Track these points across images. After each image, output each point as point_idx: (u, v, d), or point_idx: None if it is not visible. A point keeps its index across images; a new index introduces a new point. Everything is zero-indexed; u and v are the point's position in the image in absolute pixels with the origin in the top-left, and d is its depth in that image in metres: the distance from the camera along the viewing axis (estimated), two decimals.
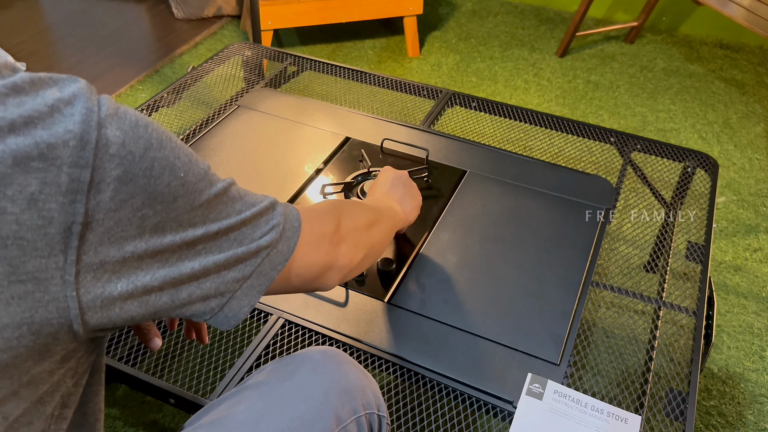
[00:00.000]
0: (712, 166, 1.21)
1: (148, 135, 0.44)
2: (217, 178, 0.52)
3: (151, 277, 0.46)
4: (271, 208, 0.56)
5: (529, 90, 2.25)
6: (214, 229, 0.50)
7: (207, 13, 2.61)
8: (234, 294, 0.53)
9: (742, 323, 1.43)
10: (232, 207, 0.52)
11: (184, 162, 0.47)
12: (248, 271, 0.54)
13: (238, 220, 0.52)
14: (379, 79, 1.44)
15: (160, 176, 0.45)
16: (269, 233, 0.55)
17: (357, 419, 0.63)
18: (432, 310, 0.90)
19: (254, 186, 1.11)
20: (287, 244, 0.57)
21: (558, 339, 0.87)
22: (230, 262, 0.52)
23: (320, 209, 0.66)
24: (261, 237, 0.54)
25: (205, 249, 0.50)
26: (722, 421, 1.23)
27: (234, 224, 0.52)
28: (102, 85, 2.19)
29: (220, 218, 0.51)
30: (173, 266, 0.47)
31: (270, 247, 0.55)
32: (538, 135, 1.33)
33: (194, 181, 0.48)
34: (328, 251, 0.64)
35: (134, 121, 0.44)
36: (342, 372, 0.64)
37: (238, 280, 0.53)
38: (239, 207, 0.53)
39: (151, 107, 1.32)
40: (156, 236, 0.45)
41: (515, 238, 1.02)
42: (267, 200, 0.57)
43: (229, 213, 0.52)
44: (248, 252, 0.53)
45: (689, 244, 1.05)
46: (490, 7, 2.80)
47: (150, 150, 0.44)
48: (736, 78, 2.33)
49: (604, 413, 0.77)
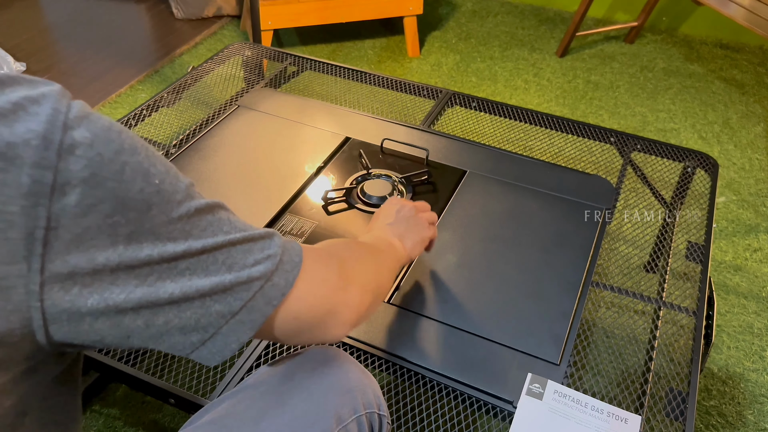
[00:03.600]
0: (712, 166, 1.21)
1: (121, 140, 0.42)
2: (201, 196, 0.48)
3: (126, 295, 0.42)
4: (267, 236, 0.51)
5: (529, 90, 2.25)
6: (197, 247, 0.45)
7: (207, 13, 2.61)
8: (219, 330, 0.48)
9: (742, 323, 1.43)
10: (219, 227, 0.47)
11: (160, 170, 0.44)
12: (237, 306, 0.48)
13: (226, 240, 0.47)
14: (379, 79, 1.44)
15: (132, 181, 0.41)
16: (264, 262, 0.49)
17: (357, 418, 0.63)
18: (432, 310, 0.90)
19: (254, 186, 1.11)
20: (285, 277, 0.51)
21: (558, 339, 0.87)
22: (216, 291, 0.46)
23: (325, 247, 0.62)
24: (254, 265, 0.49)
25: (188, 269, 0.45)
26: (722, 421, 1.23)
27: (221, 244, 0.47)
28: (102, 85, 2.19)
29: (204, 236, 0.46)
30: (152, 286, 0.43)
31: (263, 278, 0.49)
32: (538, 135, 1.33)
33: (171, 191, 0.44)
34: (334, 293, 0.57)
35: (106, 125, 0.41)
36: (342, 371, 0.64)
37: (224, 315, 0.48)
38: (227, 228, 0.48)
39: (151, 107, 1.32)
40: (131, 248, 0.41)
41: (515, 238, 1.02)
42: (264, 230, 0.52)
43: (215, 232, 0.47)
44: (237, 281, 0.47)
45: (689, 244, 1.05)
46: (490, 7, 2.80)
47: (121, 153, 0.41)
48: (736, 78, 2.33)
49: (604, 413, 0.77)
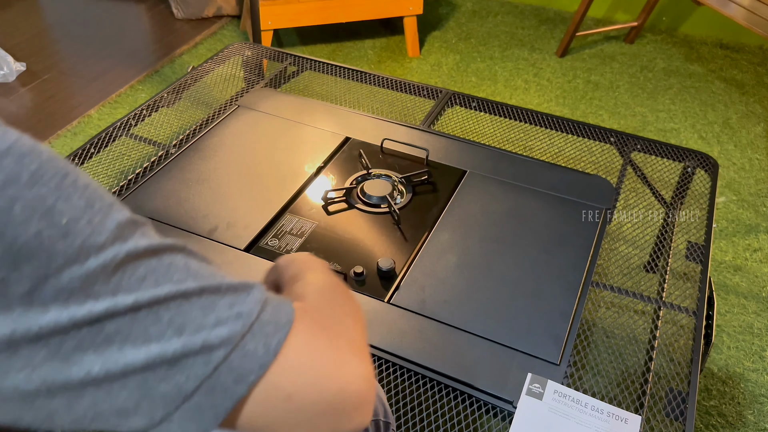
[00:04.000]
0: (712, 166, 1.21)
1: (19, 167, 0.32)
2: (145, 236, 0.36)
3: (29, 372, 0.32)
4: (241, 288, 0.38)
5: (529, 90, 2.25)
6: (127, 303, 0.33)
7: (207, 13, 2.61)
8: (169, 417, 0.35)
9: (742, 323, 1.43)
10: (166, 275, 0.35)
11: (74, 206, 0.33)
12: (190, 386, 0.35)
13: (175, 291, 0.35)
14: (379, 79, 1.44)
15: (26, 222, 0.31)
16: (229, 322, 0.36)
17: None
18: (432, 310, 0.90)
19: (254, 186, 1.11)
20: (264, 342, 0.37)
21: (558, 339, 0.87)
22: (156, 365, 0.34)
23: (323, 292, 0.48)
24: (215, 326, 0.35)
25: (118, 334, 0.33)
26: (722, 421, 1.23)
27: (167, 297, 0.35)
28: (102, 85, 2.20)
29: (141, 288, 0.34)
30: (65, 360, 0.32)
31: (229, 344, 0.36)
32: (538, 135, 1.33)
33: (89, 233, 0.33)
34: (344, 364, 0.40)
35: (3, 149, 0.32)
36: None
37: (173, 399, 0.35)
38: (180, 276, 0.36)
39: (151, 107, 1.32)
40: (32, 312, 0.31)
41: (515, 238, 1.02)
42: (240, 281, 0.38)
43: (159, 281, 0.35)
44: (188, 350, 0.34)
45: (689, 244, 1.05)
46: (490, 7, 2.80)
47: (11, 185, 0.31)
48: (736, 78, 2.33)
49: (604, 413, 0.77)
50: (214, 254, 0.98)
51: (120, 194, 1.10)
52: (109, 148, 1.22)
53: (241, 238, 1.01)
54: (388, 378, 0.84)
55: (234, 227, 1.03)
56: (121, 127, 1.26)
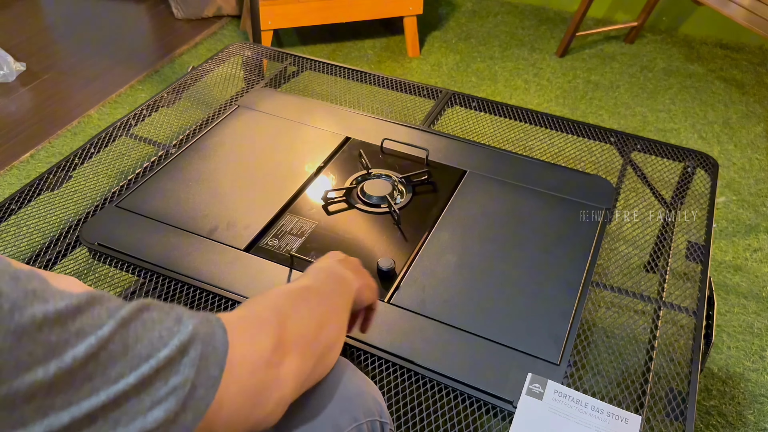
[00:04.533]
0: (712, 166, 1.21)
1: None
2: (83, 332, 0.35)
3: None
4: (179, 354, 0.39)
5: (529, 90, 2.25)
6: (63, 421, 0.33)
7: (207, 13, 2.61)
8: None
9: (742, 323, 1.43)
10: (103, 375, 0.35)
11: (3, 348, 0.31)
12: None
13: (113, 393, 0.35)
14: (379, 79, 1.44)
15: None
16: (164, 402, 0.37)
17: (357, 427, 0.61)
18: (432, 310, 0.90)
19: (254, 186, 1.11)
20: (194, 409, 0.40)
21: (558, 339, 0.87)
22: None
23: (256, 320, 0.51)
24: (150, 409, 0.37)
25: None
26: (722, 421, 1.23)
27: (105, 403, 0.35)
28: (102, 85, 2.20)
29: (75, 400, 0.34)
30: None
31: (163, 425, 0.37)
32: (538, 135, 1.33)
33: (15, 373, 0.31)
34: (266, 382, 0.47)
35: None
36: (339, 378, 0.63)
37: None
38: (117, 372, 0.35)
39: (151, 107, 1.32)
40: None
41: (515, 238, 1.02)
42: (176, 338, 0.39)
43: (96, 387, 0.34)
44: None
45: (689, 244, 1.05)
46: (490, 7, 2.80)
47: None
48: (736, 78, 2.33)
49: (604, 413, 0.77)
50: (214, 254, 0.98)
51: (120, 194, 1.10)
52: (109, 148, 1.22)
53: (241, 238, 1.01)
54: (388, 378, 0.84)
55: (234, 227, 1.03)
56: (121, 127, 1.26)
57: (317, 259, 0.73)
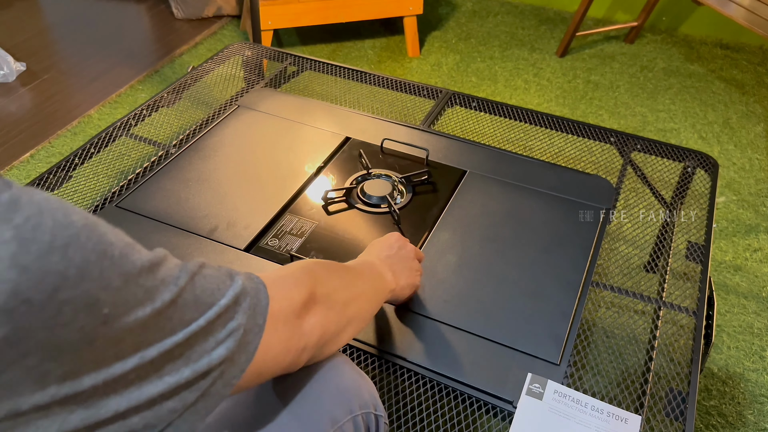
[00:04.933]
0: (712, 166, 1.21)
1: (66, 263, 0.33)
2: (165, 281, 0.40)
3: (59, 426, 0.35)
4: (233, 304, 0.45)
5: (529, 90, 2.25)
6: (152, 355, 0.39)
7: (207, 13, 2.61)
8: (171, 423, 0.42)
9: (742, 323, 1.43)
10: (180, 319, 0.41)
11: (116, 288, 0.36)
12: (192, 398, 0.42)
13: (188, 333, 0.41)
14: (379, 79, 1.44)
15: (71, 322, 0.33)
16: (225, 342, 0.44)
17: (353, 419, 0.62)
18: (432, 310, 0.90)
19: (254, 186, 1.11)
20: (246, 351, 0.46)
21: (558, 339, 0.87)
22: (170, 392, 0.40)
23: (291, 277, 0.57)
24: (214, 348, 0.43)
25: (139, 378, 0.38)
26: (722, 421, 1.23)
27: (181, 341, 0.40)
28: (102, 85, 2.20)
29: (160, 338, 0.39)
30: (91, 407, 0.36)
31: (224, 362, 0.44)
32: (538, 135, 1.33)
33: (124, 311, 0.36)
34: (294, 331, 0.53)
35: (47, 244, 0.32)
36: (335, 371, 0.64)
37: (178, 410, 0.41)
38: (190, 316, 0.41)
39: (151, 107, 1.32)
40: (66, 384, 0.34)
41: (515, 238, 1.02)
42: (230, 291, 0.46)
43: (175, 328, 0.40)
44: (195, 375, 0.42)
45: (689, 244, 1.05)
46: (490, 7, 2.80)
47: (62, 290, 0.32)
48: (736, 78, 2.33)
49: (604, 413, 0.77)
50: (214, 254, 0.98)
51: (120, 194, 1.10)
52: (109, 148, 1.22)
53: (242, 238, 1.01)
54: (389, 378, 0.84)
55: (234, 227, 1.03)
56: (121, 127, 1.26)
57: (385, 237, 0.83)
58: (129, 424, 0.39)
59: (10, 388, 0.32)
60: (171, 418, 0.41)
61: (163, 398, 0.40)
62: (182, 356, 0.41)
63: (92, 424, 0.36)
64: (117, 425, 0.38)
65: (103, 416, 0.37)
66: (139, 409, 0.39)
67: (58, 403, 0.34)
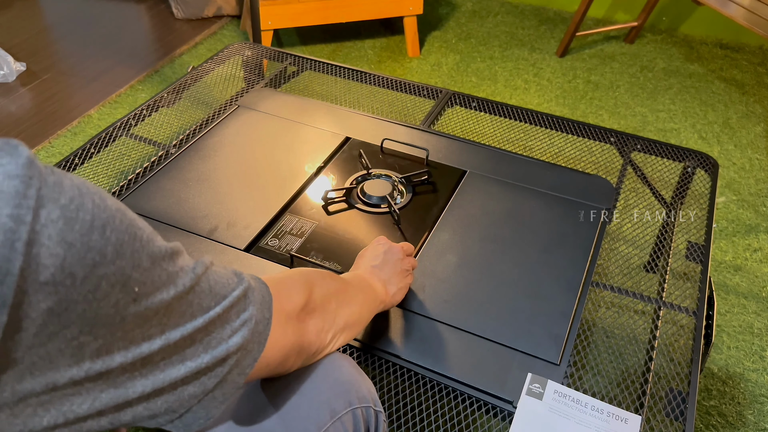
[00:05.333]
0: (712, 166, 1.21)
1: (104, 241, 0.35)
2: (184, 269, 0.43)
3: (90, 404, 0.38)
4: (243, 296, 0.48)
5: (529, 90, 2.25)
6: (175, 337, 0.41)
7: (207, 13, 2.61)
8: (190, 409, 0.45)
9: (742, 323, 1.43)
10: (199, 305, 0.44)
11: (145, 268, 0.38)
12: (211, 384, 0.45)
13: (206, 320, 0.44)
14: (379, 79, 1.44)
15: (107, 297, 0.36)
16: (240, 330, 0.47)
17: (352, 411, 0.63)
18: (432, 310, 0.90)
19: (254, 186, 1.11)
20: (258, 340, 0.49)
21: (558, 339, 0.87)
22: (191, 376, 0.43)
23: (290, 281, 0.59)
24: (230, 336, 0.46)
25: (163, 361, 0.41)
26: (722, 421, 1.23)
27: (201, 326, 0.43)
28: (102, 85, 2.20)
29: (183, 322, 0.42)
30: (120, 387, 0.39)
31: (240, 350, 0.47)
32: (538, 135, 1.33)
33: (152, 291, 0.39)
34: (295, 330, 0.56)
35: (88, 223, 0.35)
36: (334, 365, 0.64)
37: (197, 395, 0.45)
38: (207, 303, 0.44)
39: (151, 107, 1.32)
40: (99, 361, 0.37)
41: (515, 238, 1.02)
42: (239, 285, 0.48)
43: (195, 313, 0.43)
44: (215, 360, 0.45)
45: (689, 244, 1.05)
46: (490, 7, 2.80)
47: (100, 266, 0.35)
48: (736, 78, 2.33)
49: (604, 413, 0.77)
50: (214, 254, 0.98)
51: (120, 194, 1.10)
52: (109, 148, 1.22)
53: (242, 238, 1.01)
54: (389, 378, 0.84)
55: (234, 227, 1.03)
56: (121, 127, 1.26)
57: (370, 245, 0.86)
58: (152, 407, 0.42)
59: (51, 361, 0.35)
60: (191, 403, 0.44)
61: (185, 383, 0.43)
62: (202, 342, 0.43)
63: (120, 404, 0.39)
64: (141, 407, 0.41)
65: (130, 396, 0.40)
66: (163, 392, 0.42)
67: (91, 380, 0.37)
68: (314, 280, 0.62)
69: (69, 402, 0.36)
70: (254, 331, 0.48)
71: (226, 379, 0.46)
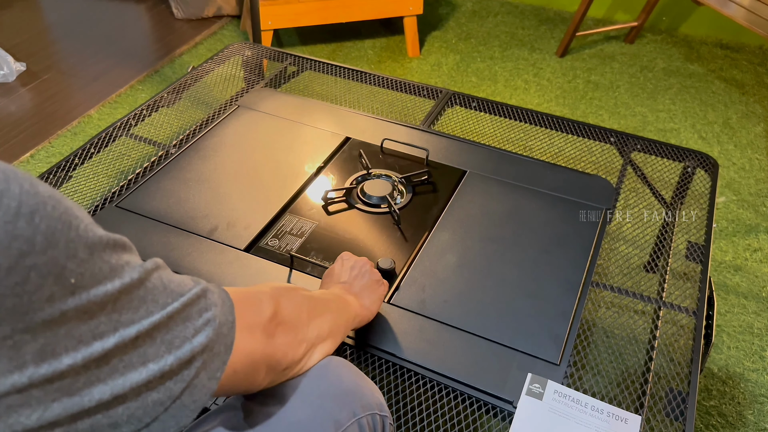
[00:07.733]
0: (712, 166, 1.21)
1: (32, 229, 0.33)
2: (131, 264, 0.40)
3: (40, 414, 0.35)
4: (202, 295, 0.45)
5: (529, 90, 2.25)
6: (131, 334, 0.38)
7: (207, 13, 2.61)
8: (157, 417, 0.41)
9: (742, 323, 1.43)
10: (154, 301, 0.41)
11: (82, 259, 0.36)
12: (178, 389, 0.42)
13: (164, 315, 0.41)
14: (379, 79, 1.44)
15: (39, 289, 0.33)
16: (204, 330, 0.44)
17: (357, 421, 0.61)
18: (432, 310, 0.90)
19: (254, 186, 1.11)
20: (225, 342, 0.46)
21: (558, 339, 0.87)
22: (155, 380, 0.40)
23: (257, 292, 0.57)
24: (194, 335, 0.43)
25: (122, 363, 0.38)
26: (722, 421, 1.23)
27: (159, 323, 0.40)
28: (102, 85, 2.20)
29: (137, 318, 0.39)
30: (75, 394, 0.36)
31: (206, 350, 0.44)
32: (538, 135, 1.33)
33: (92, 284, 0.36)
34: (262, 340, 0.53)
35: (13, 209, 0.32)
36: (337, 375, 0.63)
37: (163, 402, 0.41)
38: (163, 300, 0.41)
39: (151, 107, 1.32)
40: (44, 364, 0.34)
41: (515, 238, 1.02)
42: (197, 286, 0.46)
43: (150, 309, 0.40)
44: (179, 362, 0.41)
45: (689, 244, 1.05)
46: (490, 7, 2.80)
47: (28, 255, 0.33)
48: (736, 78, 2.33)
49: (604, 413, 0.77)
50: (214, 254, 0.98)
51: (120, 194, 1.10)
52: (109, 148, 1.22)
53: (242, 238, 1.01)
54: (389, 378, 0.84)
55: (234, 227, 1.03)
56: (121, 127, 1.26)
57: (335, 264, 0.84)
58: (112, 415, 0.38)
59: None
60: (157, 411, 0.41)
61: (148, 388, 0.40)
62: (164, 341, 0.41)
63: (75, 414, 0.36)
64: (100, 416, 0.38)
65: (86, 405, 0.36)
66: (124, 399, 0.38)
67: (37, 387, 0.34)
68: (282, 293, 0.60)
69: (15, 413, 0.33)
70: (218, 332, 0.45)
71: (195, 384, 0.43)
